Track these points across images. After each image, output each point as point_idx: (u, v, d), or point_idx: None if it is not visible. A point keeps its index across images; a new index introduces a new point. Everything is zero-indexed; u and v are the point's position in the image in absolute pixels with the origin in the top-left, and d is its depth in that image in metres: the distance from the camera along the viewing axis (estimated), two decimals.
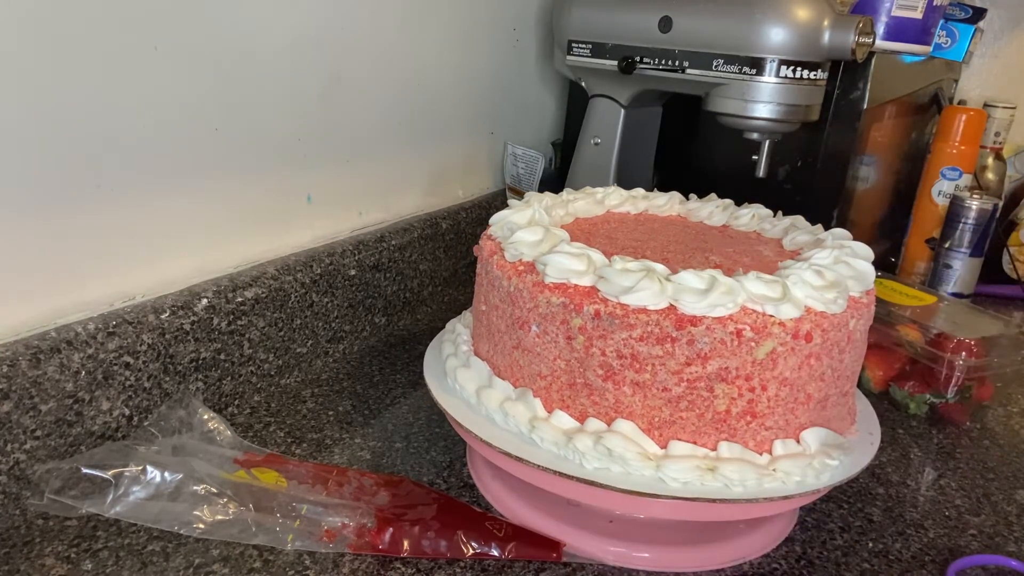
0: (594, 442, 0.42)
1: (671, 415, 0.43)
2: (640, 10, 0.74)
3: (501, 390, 0.48)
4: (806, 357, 0.42)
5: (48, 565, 0.44)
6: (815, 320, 0.42)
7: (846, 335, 0.44)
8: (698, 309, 0.41)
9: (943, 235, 0.93)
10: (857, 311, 0.45)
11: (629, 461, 0.42)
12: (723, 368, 0.41)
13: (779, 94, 0.69)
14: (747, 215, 0.59)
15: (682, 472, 0.41)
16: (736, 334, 0.41)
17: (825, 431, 0.45)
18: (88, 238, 0.52)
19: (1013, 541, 0.52)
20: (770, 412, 0.43)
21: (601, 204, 0.60)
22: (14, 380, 0.46)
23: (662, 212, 0.62)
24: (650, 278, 0.42)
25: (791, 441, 0.44)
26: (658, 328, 0.41)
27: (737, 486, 0.42)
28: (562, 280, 0.44)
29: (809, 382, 0.43)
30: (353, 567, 0.45)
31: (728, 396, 0.42)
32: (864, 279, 0.46)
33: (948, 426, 0.67)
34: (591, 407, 0.44)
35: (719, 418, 0.42)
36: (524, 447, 0.44)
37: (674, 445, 0.43)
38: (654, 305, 0.41)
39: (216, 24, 0.56)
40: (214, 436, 0.54)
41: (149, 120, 0.54)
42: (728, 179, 0.79)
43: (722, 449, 0.43)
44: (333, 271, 0.69)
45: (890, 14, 0.81)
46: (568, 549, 0.47)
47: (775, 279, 0.43)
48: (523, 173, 0.95)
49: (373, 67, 0.73)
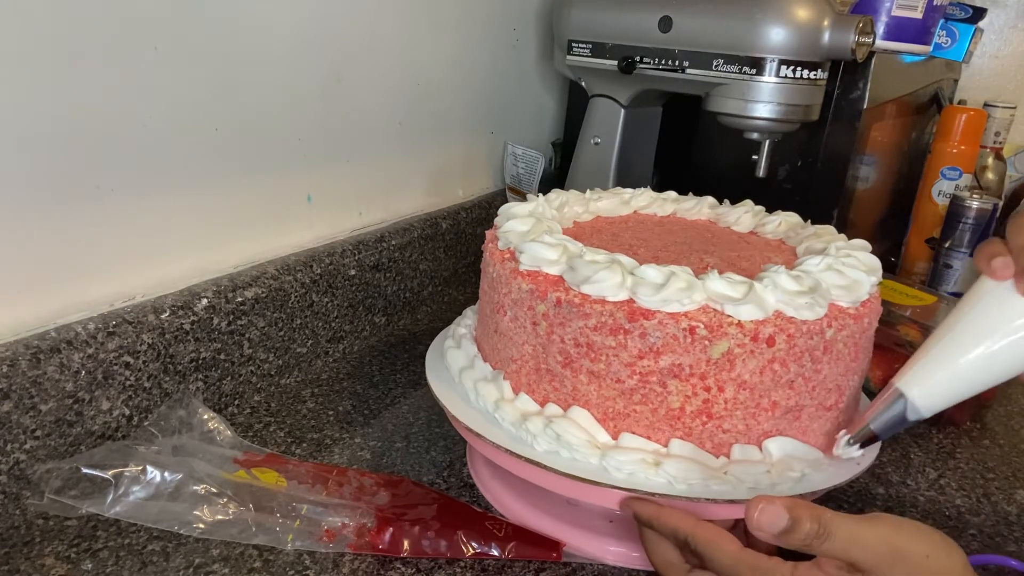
0: (544, 425, 0.43)
1: (625, 407, 0.43)
2: (640, 10, 0.74)
3: (480, 371, 0.50)
4: (768, 362, 0.41)
5: (48, 565, 0.44)
6: (780, 324, 0.41)
7: (821, 344, 0.42)
8: (652, 303, 0.41)
9: (943, 235, 0.93)
10: (840, 321, 0.42)
11: (576, 447, 0.43)
12: (676, 364, 0.41)
13: (779, 94, 0.69)
14: (775, 222, 0.57)
15: (626, 464, 0.42)
16: (689, 331, 0.40)
17: (794, 443, 0.43)
18: (88, 238, 0.52)
19: (1013, 541, 0.52)
20: (728, 414, 0.42)
21: (627, 205, 0.60)
22: (14, 380, 0.46)
23: (690, 216, 0.61)
24: (611, 270, 0.42)
25: (753, 448, 0.43)
26: (612, 319, 0.41)
27: (680, 484, 0.41)
28: (534, 268, 0.45)
29: (774, 389, 0.42)
30: (353, 567, 0.45)
31: (682, 393, 0.42)
32: (856, 290, 0.44)
33: (948, 426, 0.67)
34: (552, 393, 0.45)
35: (673, 415, 0.42)
36: (487, 426, 0.46)
37: (624, 437, 0.43)
38: (613, 296, 0.42)
39: (216, 24, 0.56)
40: (214, 436, 0.54)
41: (149, 120, 0.54)
42: (728, 179, 0.79)
43: (673, 446, 0.42)
44: (333, 271, 0.69)
45: (890, 14, 0.81)
46: (568, 549, 0.47)
47: (743, 280, 0.42)
48: (523, 173, 0.95)
49: (373, 67, 0.73)
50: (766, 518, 0.34)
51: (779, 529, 0.34)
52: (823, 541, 0.34)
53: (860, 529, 0.34)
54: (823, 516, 0.34)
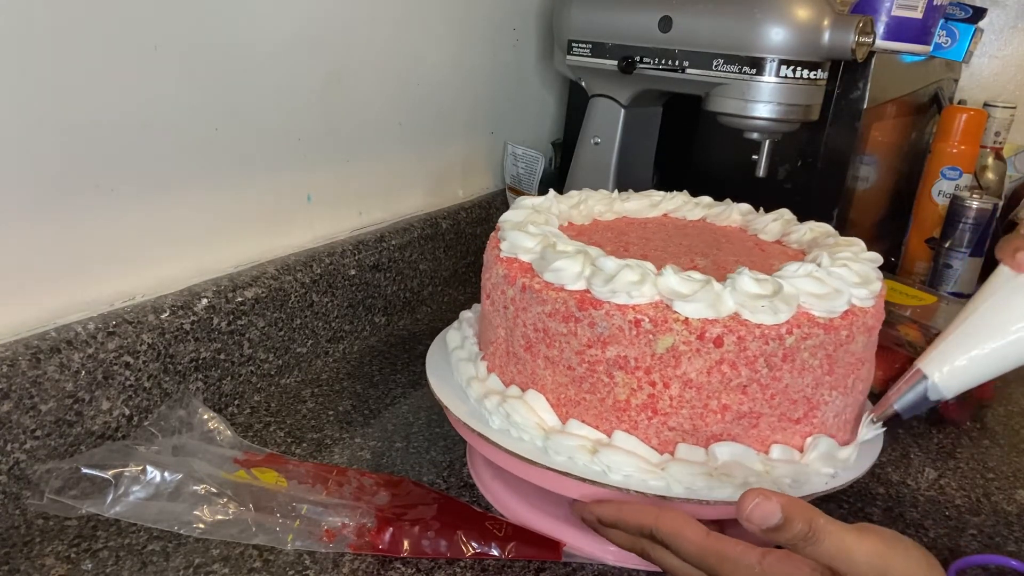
0: (498, 404, 0.45)
1: (576, 394, 0.44)
2: (640, 10, 0.74)
3: (467, 351, 0.52)
4: (716, 362, 0.40)
5: (48, 565, 0.44)
6: (731, 326, 0.40)
7: (780, 351, 0.40)
8: (602, 293, 0.41)
9: (943, 235, 0.93)
10: (804, 330, 0.41)
11: (523, 428, 0.44)
12: (621, 356, 0.41)
13: (779, 94, 0.69)
14: (802, 231, 0.55)
15: (565, 448, 0.42)
16: (635, 323, 0.40)
17: (746, 450, 0.42)
18: (88, 238, 0.52)
19: (1013, 541, 0.52)
20: (673, 411, 0.41)
21: (656, 207, 0.61)
22: (14, 380, 0.46)
23: (720, 221, 0.60)
24: (573, 259, 0.43)
25: (699, 449, 0.42)
26: (564, 307, 0.42)
27: (615, 474, 0.41)
28: (512, 255, 0.47)
29: (723, 391, 0.41)
30: (353, 567, 0.45)
31: (628, 386, 0.42)
32: (832, 300, 0.42)
33: (948, 426, 0.67)
34: (517, 375, 0.47)
35: (620, 407, 0.42)
36: (457, 402, 0.48)
37: (571, 423, 0.44)
38: (571, 285, 0.43)
39: (216, 24, 0.56)
40: (214, 436, 0.54)
41: (149, 120, 0.54)
42: (728, 179, 0.79)
43: (616, 437, 0.43)
44: (333, 271, 0.69)
45: (890, 14, 0.81)
46: (568, 549, 0.47)
47: (702, 278, 0.41)
48: (523, 173, 0.95)
49: (373, 67, 0.73)
50: (759, 513, 0.34)
51: (770, 525, 0.34)
52: (809, 544, 0.33)
53: (849, 541, 0.33)
54: (815, 520, 0.33)
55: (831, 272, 0.44)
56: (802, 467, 0.43)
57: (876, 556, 0.33)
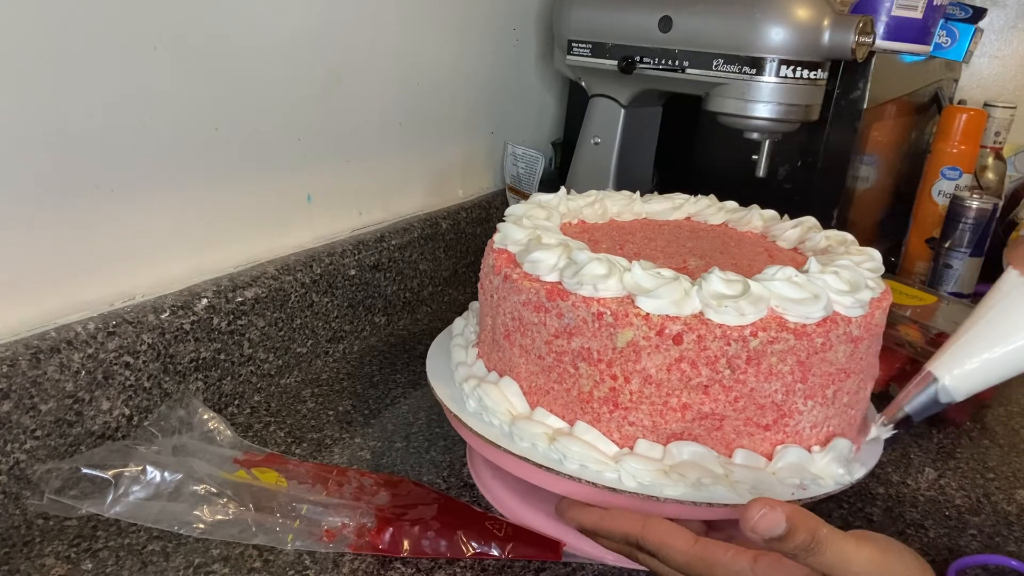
0: (474, 387, 0.47)
1: (544, 383, 0.44)
2: (640, 10, 0.74)
3: (465, 338, 0.53)
4: (676, 360, 0.40)
5: (48, 565, 0.44)
6: (691, 323, 0.39)
7: (743, 353, 0.40)
8: (569, 285, 0.42)
9: (943, 235, 0.93)
10: (770, 333, 0.40)
11: (493, 412, 0.45)
12: (585, 348, 0.42)
13: (779, 94, 0.69)
14: (819, 239, 0.54)
15: (529, 435, 0.43)
16: (597, 316, 0.41)
17: (705, 450, 0.41)
18: (87, 238, 0.52)
19: (1013, 541, 0.52)
20: (633, 407, 0.41)
21: (679, 209, 0.61)
22: (14, 380, 0.46)
23: (741, 227, 0.59)
24: (551, 251, 0.44)
25: (658, 446, 0.42)
26: (536, 297, 0.43)
27: (570, 463, 0.42)
28: (503, 246, 0.49)
29: (683, 390, 0.41)
30: (353, 567, 0.45)
31: (592, 378, 0.42)
32: (808, 306, 0.40)
33: (948, 426, 0.67)
34: (498, 362, 0.48)
35: (584, 398, 0.43)
36: (442, 384, 0.50)
37: (538, 411, 0.45)
38: (546, 276, 0.43)
39: (216, 24, 0.56)
40: (214, 436, 0.54)
41: (148, 120, 0.54)
42: (728, 179, 0.79)
43: (577, 428, 0.43)
44: (333, 271, 0.69)
45: (890, 14, 0.81)
46: (568, 549, 0.47)
47: (671, 275, 0.41)
48: (523, 173, 0.95)
49: (373, 67, 0.73)
50: (764, 523, 0.33)
51: (775, 535, 0.33)
52: (811, 555, 0.33)
53: (849, 550, 0.33)
54: (818, 531, 0.33)
55: (813, 278, 0.42)
56: (764, 475, 0.42)
57: (873, 564, 0.33)
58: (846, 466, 0.43)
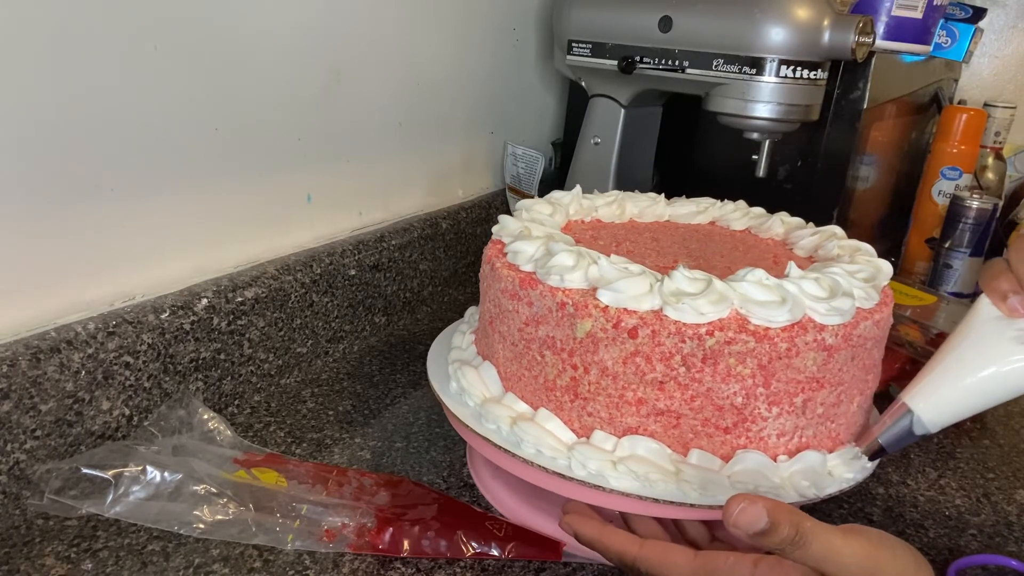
0: (456, 370, 0.49)
1: (517, 370, 0.46)
2: (640, 10, 0.74)
3: (468, 325, 0.56)
4: (631, 354, 0.40)
5: (48, 565, 0.44)
6: (646, 318, 0.39)
7: (699, 352, 0.39)
8: (540, 275, 0.43)
9: (943, 235, 0.93)
10: (728, 333, 0.39)
11: (470, 394, 0.47)
12: (550, 336, 0.43)
13: (779, 94, 0.69)
14: (831, 247, 0.52)
15: (495, 417, 0.45)
16: (560, 305, 0.42)
17: (657, 446, 0.41)
18: (88, 238, 0.52)
19: (1013, 541, 0.52)
20: (591, 397, 0.42)
21: (704, 213, 0.61)
22: (14, 380, 0.46)
23: (763, 234, 0.58)
24: (532, 242, 0.46)
25: (612, 438, 0.42)
26: (512, 285, 0.45)
27: (528, 448, 0.43)
28: (499, 237, 0.50)
29: (638, 384, 0.41)
30: (353, 567, 0.45)
31: (555, 367, 0.43)
32: (773, 310, 0.39)
33: (948, 426, 0.67)
34: (484, 348, 0.50)
35: (548, 386, 0.44)
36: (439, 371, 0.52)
37: (508, 396, 0.46)
38: (524, 266, 0.45)
39: (216, 24, 0.56)
40: (214, 436, 0.54)
41: (148, 120, 0.54)
42: (728, 179, 0.79)
43: (538, 414, 0.44)
44: (333, 271, 0.69)
45: (890, 14, 0.81)
46: (568, 549, 0.47)
47: (638, 270, 0.41)
48: (523, 173, 0.95)
49: (373, 67, 0.73)
50: (744, 518, 0.33)
51: (756, 530, 0.33)
52: (797, 548, 0.33)
53: (837, 543, 0.33)
54: (802, 523, 0.33)
55: (787, 282, 0.41)
56: (717, 476, 0.41)
57: (865, 557, 0.33)
58: (814, 480, 0.42)
